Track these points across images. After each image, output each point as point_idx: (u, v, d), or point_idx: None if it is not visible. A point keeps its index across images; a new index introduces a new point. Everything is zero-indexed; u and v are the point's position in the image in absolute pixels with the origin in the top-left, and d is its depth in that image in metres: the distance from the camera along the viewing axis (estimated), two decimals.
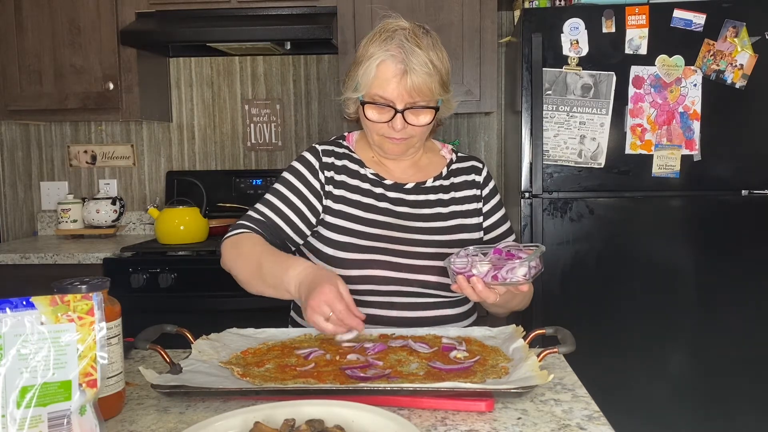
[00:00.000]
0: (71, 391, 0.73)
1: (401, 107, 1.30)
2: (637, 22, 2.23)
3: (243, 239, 1.33)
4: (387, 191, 1.41)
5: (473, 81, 2.62)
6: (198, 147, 3.09)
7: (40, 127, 3.11)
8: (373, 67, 1.29)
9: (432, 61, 1.28)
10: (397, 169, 1.45)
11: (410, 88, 1.28)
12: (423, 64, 1.27)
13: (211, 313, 2.35)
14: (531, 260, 1.13)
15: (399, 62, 1.27)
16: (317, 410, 0.82)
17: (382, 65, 1.28)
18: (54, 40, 2.69)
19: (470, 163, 1.51)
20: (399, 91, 1.28)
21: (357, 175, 1.42)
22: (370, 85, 1.30)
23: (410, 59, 1.26)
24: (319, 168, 1.41)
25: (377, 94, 1.30)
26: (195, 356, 1.07)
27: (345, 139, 1.49)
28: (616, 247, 2.30)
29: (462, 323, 1.38)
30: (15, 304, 0.72)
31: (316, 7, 2.64)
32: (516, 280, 1.13)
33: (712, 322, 2.30)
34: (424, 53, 1.28)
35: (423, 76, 1.27)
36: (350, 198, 1.39)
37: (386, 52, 1.28)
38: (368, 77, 1.30)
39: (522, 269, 1.12)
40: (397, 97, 1.29)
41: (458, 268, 1.15)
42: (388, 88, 1.29)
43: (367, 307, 1.32)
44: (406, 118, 1.31)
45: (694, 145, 2.26)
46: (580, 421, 0.87)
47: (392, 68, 1.28)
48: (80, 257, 2.46)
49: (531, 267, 1.13)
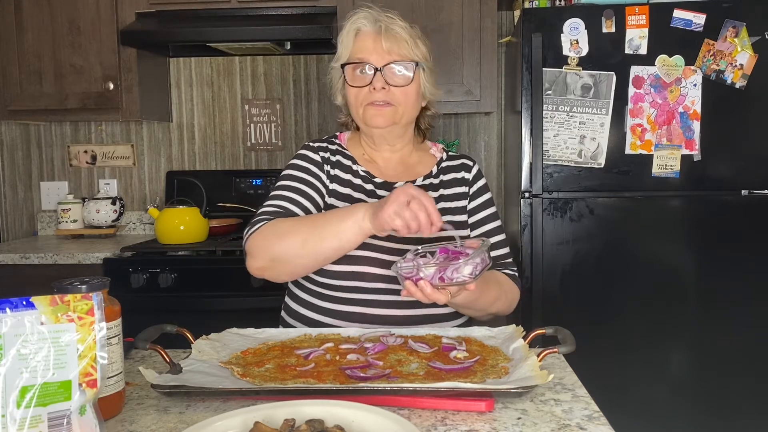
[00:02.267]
0: (71, 391, 0.73)
1: (380, 65, 1.34)
2: (637, 22, 2.23)
3: (275, 223, 1.29)
4: (377, 189, 1.42)
5: (473, 81, 2.62)
6: (198, 147, 3.09)
7: (40, 127, 3.11)
8: (351, 31, 1.37)
9: (406, 24, 1.36)
10: (388, 167, 1.46)
11: (387, 45, 1.33)
12: (398, 25, 1.35)
13: (211, 313, 2.35)
14: (476, 257, 1.10)
15: (373, 23, 1.35)
16: (317, 410, 0.82)
17: (359, 28, 1.36)
18: (54, 40, 2.69)
19: (461, 161, 1.51)
20: (377, 49, 1.34)
21: (349, 170, 1.43)
22: (350, 50, 1.37)
23: (384, 19, 1.35)
24: (321, 161, 1.43)
25: (356, 56, 1.36)
26: (195, 356, 1.07)
27: (337, 138, 1.51)
28: (616, 247, 2.30)
29: (453, 322, 1.37)
30: (15, 304, 0.72)
31: (316, 7, 2.64)
32: (462, 279, 1.10)
33: (712, 322, 2.30)
34: (398, 18, 1.36)
35: (399, 32, 1.34)
36: (341, 192, 1.40)
37: (361, 16, 1.37)
38: (347, 42, 1.37)
39: (467, 267, 1.10)
40: (376, 55, 1.34)
41: (405, 273, 1.12)
42: (366, 48, 1.35)
43: (354, 305, 1.32)
44: (386, 77, 1.34)
45: (694, 145, 2.26)
46: (580, 421, 0.87)
47: (368, 29, 1.36)
48: (80, 257, 2.46)
49: (476, 264, 1.11)
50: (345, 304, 1.33)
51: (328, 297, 1.34)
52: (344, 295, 1.33)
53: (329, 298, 1.34)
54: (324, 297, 1.35)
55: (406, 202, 1.11)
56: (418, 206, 1.11)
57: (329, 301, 1.34)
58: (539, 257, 2.28)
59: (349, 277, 1.32)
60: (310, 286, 1.38)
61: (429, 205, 1.12)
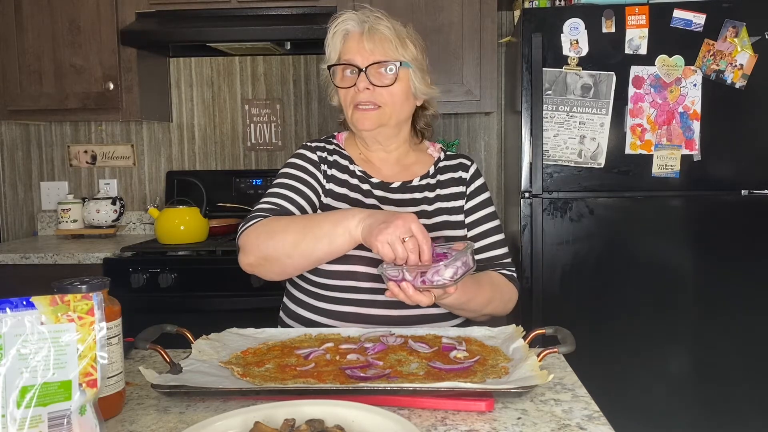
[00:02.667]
0: (71, 391, 0.73)
1: (364, 65, 1.33)
2: (637, 22, 2.23)
3: (270, 221, 1.28)
4: (373, 189, 1.41)
5: (473, 81, 2.62)
6: (198, 147, 3.09)
7: (40, 127, 3.11)
8: (337, 33, 1.37)
9: (393, 25, 1.36)
10: (384, 168, 1.45)
11: (370, 46, 1.33)
12: (383, 25, 1.34)
13: (211, 313, 2.35)
14: (456, 260, 1.09)
15: (358, 23, 1.35)
16: (317, 410, 0.82)
17: (344, 29, 1.36)
18: (54, 40, 2.68)
19: (458, 161, 1.50)
20: (360, 50, 1.33)
21: (346, 170, 1.43)
22: (338, 51, 1.37)
23: (369, 18, 1.35)
24: (318, 160, 1.43)
25: (342, 58, 1.36)
26: (195, 356, 1.07)
27: (335, 138, 1.51)
28: (616, 247, 2.30)
29: (449, 322, 1.37)
30: (15, 304, 0.72)
31: (316, 7, 2.64)
32: (442, 282, 1.10)
33: (712, 322, 2.30)
34: (386, 18, 1.36)
35: (383, 31, 1.33)
36: (338, 192, 1.40)
37: (346, 16, 1.36)
38: (334, 44, 1.37)
39: (448, 271, 1.09)
40: (360, 56, 1.33)
41: (390, 274, 1.12)
42: (351, 49, 1.35)
43: (349, 305, 1.32)
44: (370, 77, 1.33)
45: (694, 145, 2.26)
46: (580, 421, 0.87)
47: (353, 29, 1.35)
48: (80, 257, 2.46)
49: (458, 267, 1.09)
50: (340, 304, 1.33)
51: (323, 297, 1.34)
52: (339, 294, 1.33)
53: (325, 298, 1.34)
54: (320, 297, 1.35)
55: (401, 239, 1.09)
56: (412, 246, 1.10)
57: (325, 301, 1.34)
58: (539, 257, 2.28)
59: (344, 277, 1.32)
60: (306, 286, 1.38)
61: (425, 246, 1.10)
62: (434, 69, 1.49)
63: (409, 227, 1.10)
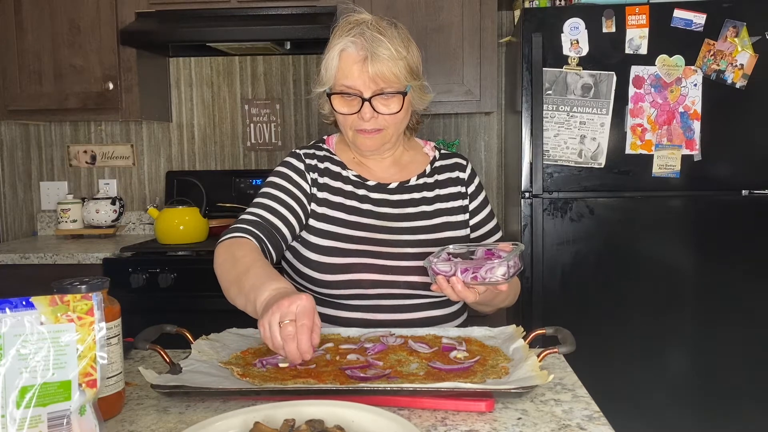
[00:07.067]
0: (71, 391, 0.73)
1: (368, 95, 1.28)
2: (637, 22, 2.23)
3: (238, 244, 1.25)
4: (370, 192, 1.39)
5: (473, 81, 2.62)
6: (198, 147, 3.09)
7: (40, 127, 3.11)
8: (336, 56, 1.29)
9: (396, 47, 1.27)
10: (379, 169, 1.43)
11: (374, 74, 1.26)
12: (386, 48, 1.26)
13: (211, 313, 2.33)
14: (509, 259, 1.13)
15: (360, 49, 1.27)
16: (317, 410, 0.82)
17: (344, 54, 1.28)
18: (54, 40, 2.68)
19: (454, 160, 1.50)
20: (363, 78, 1.27)
21: (339, 177, 1.41)
22: (335, 76, 1.30)
23: (372, 45, 1.26)
24: (305, 169, 1.40)
25: (343, 84, 1.30)
26: (195, 356, 1.07)
27: (324, 143, 1.48)
28: (616, 247, 2.30)
29: (452, 323, 1.37)
30: (15, 304, 0.72)
31: (316, 7, 2.64)
32: (495, 279, 1.13)
33: (712, 322, 2.30)
34: (387, 40, 1.27)
35: (386, 61, 1.26)
36: (333, 200, 1.38)
37: (347, 40, 1.28)
38: (332, 67, 1.30)
39: (501, 269, 1.12)
40: (362, 84, 1.28)
41: (441, 269, 1.15)
42: (351, 75, 1.28)
43: (354, 311, 1.31)
44: (375, 107, 1.29)
45: (695, 145, 2.26)
46: (580, 421, 0.87)
47: (354, 55, 1.27)
48: (80, 257, 2.46)
49: (510, 266, 1.13)
50: (345, 310, 1.32)
51: (329, 303, 1.33)
52: (344, 301, 1.32)
53: (329, 303, 1.33)
54: (325, 303, 1.33)
55: (279, 321, 0.95)
56: (290, 330, 0.94)
57: (330, 307, 1.33)
58: (539, 257, 2.28)
59: (347, 286, 1.31)
60: (310, 291, 1.35)
61: (303, 339, 0.94)
62: (434, 69, 1.49)
63: (292, 310, 0.95)
